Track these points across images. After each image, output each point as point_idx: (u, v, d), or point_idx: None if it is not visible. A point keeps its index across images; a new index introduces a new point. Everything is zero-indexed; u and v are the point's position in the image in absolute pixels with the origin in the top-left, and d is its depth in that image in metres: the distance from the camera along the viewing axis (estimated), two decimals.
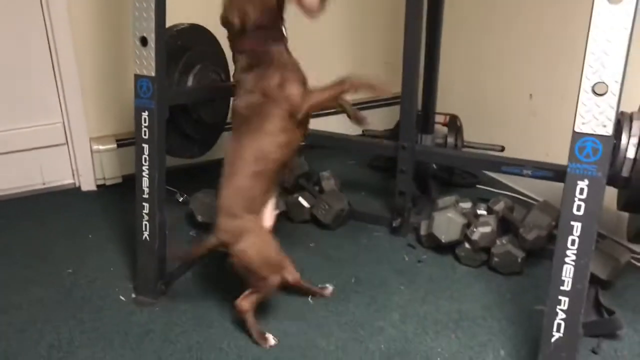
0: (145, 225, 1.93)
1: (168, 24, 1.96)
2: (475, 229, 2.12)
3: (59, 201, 2.69)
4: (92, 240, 2.36)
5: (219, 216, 1.72)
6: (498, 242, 2.12)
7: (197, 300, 1.98)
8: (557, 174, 2.01)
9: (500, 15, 2.73)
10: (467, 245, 2.15)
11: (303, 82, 1.71)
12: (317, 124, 3.08)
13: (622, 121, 1.67)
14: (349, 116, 1.99)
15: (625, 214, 2.07)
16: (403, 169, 2.34)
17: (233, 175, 1.70)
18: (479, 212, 2.28)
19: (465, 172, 2.85)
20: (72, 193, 2.77)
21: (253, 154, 1.68)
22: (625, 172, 1.63)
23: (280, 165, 1.73)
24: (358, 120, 1.95)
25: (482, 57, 2.89)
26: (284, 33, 1.72)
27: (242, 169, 1.69)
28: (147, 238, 1.94)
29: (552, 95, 2.51)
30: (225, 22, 1.70)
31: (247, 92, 1.68)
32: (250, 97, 1.68)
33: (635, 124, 1.63)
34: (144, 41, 1.80)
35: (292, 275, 1.90)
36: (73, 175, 2.81)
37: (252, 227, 1.70)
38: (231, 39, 1.73)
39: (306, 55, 3.11)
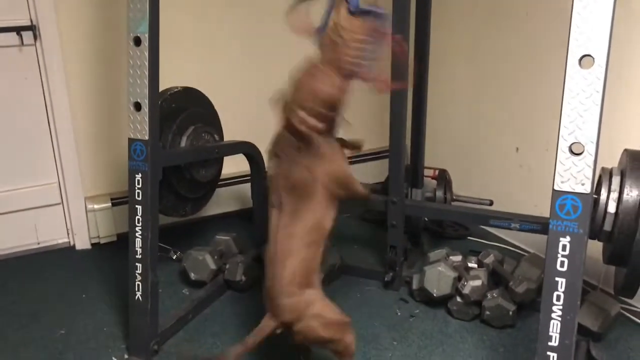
0: (138, 285, 1.95)
1: (163, 87, 2.03)
2: (466, 283, 2.14)
3: (53, 260, 2.70)
4: (86, 299, 2.36)
5: (277, 297, 1.65)
6: (489, 295, 2.13)
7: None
8: (543, 226, 2.04)
9: (485, 72, 2.82)
10: (458, 299, 2.17)
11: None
12: None
13: (602, 176, 1.72)
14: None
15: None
16: (394, 224, 2.37)
17: (289, 251, 1.66)
18: (469, 265, 2.30)
19: (456, 223, 2.89)
20: (66, 252, 2.79)
21: (309, 228, 1.67)
22: (607, 227, 1.66)
23: (329, 234, 1.74)
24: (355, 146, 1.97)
25: (468, 112, 2.97)
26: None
27: (297, 245, 1.67)
28: (140, 298, 1.95)
29: (537, 148, 2.57)
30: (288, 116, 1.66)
31: (297, 171, 1.68)
32: (301, 175, 1.68)
33: (614, 179, 1.68)
34: (137, 106, 1.87)
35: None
36: (68, 234, 2.83)
37: (313, 300, 1.66)
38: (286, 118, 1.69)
39: None
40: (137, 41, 1.84)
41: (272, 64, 3.07)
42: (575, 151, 1.45)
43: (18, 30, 2.48)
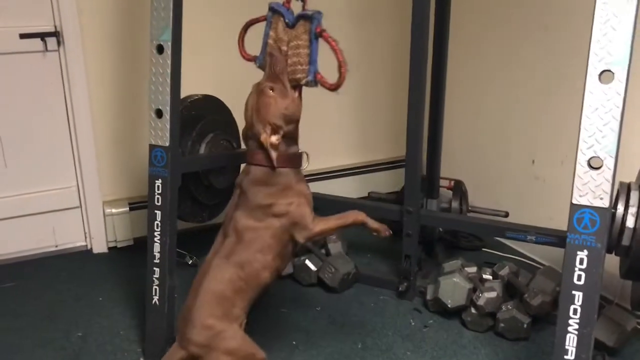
0: (156, 289, 1.97)
1: (183, 94, 2.06)
2: (480, 294, 2.14)
3: (70, 263, 2.73)
4: (102, 303, 2.39)
5: (190, 326, 1.66)
6: (504, 307, 2.13)
7: None
8: (560, 239, 2.03)
9: (502, 83, 2.83)
10: (473, 310, 2.17)
11: (312, 208, 1.76)
12: (323, 188, 3.16)
13: (620, 191, 1.72)
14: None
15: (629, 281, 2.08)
16: (409, 233, 2.37)
17: (215, 282, 1.68)
18: (484, 276, 2.30)
19: (471, 235, 2.88)
20: (83, 255, 2.82)
21: (242, 269, 1.69)
22: (625, 241, 1.66)
23: (266, 283, 1.74)
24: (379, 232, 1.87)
25: (485, 124, 2.97)
26: (302, 155, 1.76)
27: (228, 281, 1.68)
28: (157, 302, 1.97)
29: (553, 161, 2.57)
30: (246, 136, 1.73)
31: (252, 207, 1.70)
32: (254, 213, 1.69)
33: (633, 194, 1.67)
34: (159, 113, 1.89)
35: None
36: (85, 237, 2.86)
37: (227, 335, 1.66)
38: (248, 148, 1.74)
39: (313, 119, 3.19)
40: (160, 49, 1.87)
41: None
42: (593, 165, 1.45)
43: (42, 36, 2.52)
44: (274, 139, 1.64)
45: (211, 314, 1.65)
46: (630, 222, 1.66)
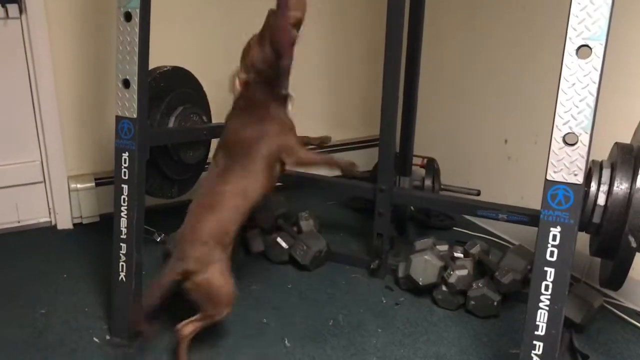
0: (122, 266, 1.92)
1: (152, 65, 1.99)
2: (452, 272, 2.14)
3: (33, 240, 2.65)
4: (67, 279, 2.32)
5: (188, 243, 1.76)
6: (474, 285, 2.14)
7: (172, 341, 1.95)
8: (531, 218, 2.05)
9: (476, 63, 2.82)
10: (444, 288, 2.17)
11: (297, 137, 1.89)
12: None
13: (592, 169, 1.72)
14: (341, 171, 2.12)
15: (598, 258, 2.11)
16: (381, 212, 2.36)
17: (212, 206, 1.79)
18: (455, 254, 2.30)
19: (442, 214, 2.89)
20: (47, 231, 2.74)
21: (237, 189, 1.79)
22: (596, 219, 1.67)
23: (256, 203, 1.84)
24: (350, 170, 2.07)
25: (458, 103, 2.97)
26: (287, 94, 1.87)
27: (223, 201, 1.78)
28: (124, 279, 1.92)
29: (526, 141, 2.57)
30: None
31: (240, 128, 1.83)
32: (243, 133, 1.81)
33: (604, 172, 1.68)
34: (126, 83, 1.83)
35: None
36: (49, 213, 2.78)
37: (220, 258, 1.76)
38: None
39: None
40: (128, 16, 1.80)
41: None
42: (569, 142, 1.45)
43: (3, 2, 2.41)
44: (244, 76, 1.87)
45: (208, 235, 1.76)
46: (601, 200, 1.66)
